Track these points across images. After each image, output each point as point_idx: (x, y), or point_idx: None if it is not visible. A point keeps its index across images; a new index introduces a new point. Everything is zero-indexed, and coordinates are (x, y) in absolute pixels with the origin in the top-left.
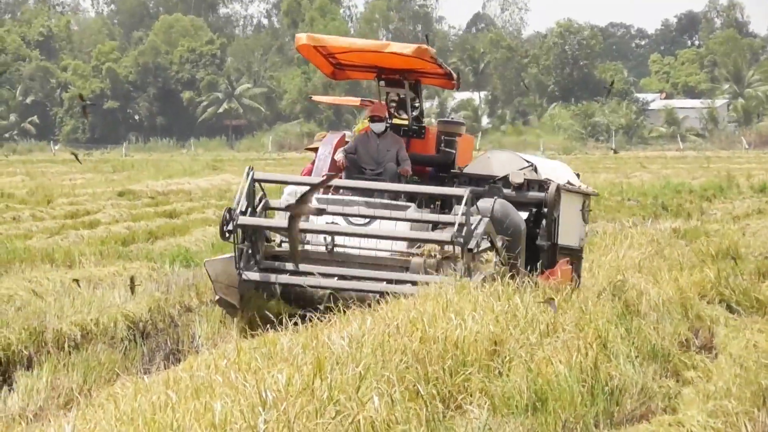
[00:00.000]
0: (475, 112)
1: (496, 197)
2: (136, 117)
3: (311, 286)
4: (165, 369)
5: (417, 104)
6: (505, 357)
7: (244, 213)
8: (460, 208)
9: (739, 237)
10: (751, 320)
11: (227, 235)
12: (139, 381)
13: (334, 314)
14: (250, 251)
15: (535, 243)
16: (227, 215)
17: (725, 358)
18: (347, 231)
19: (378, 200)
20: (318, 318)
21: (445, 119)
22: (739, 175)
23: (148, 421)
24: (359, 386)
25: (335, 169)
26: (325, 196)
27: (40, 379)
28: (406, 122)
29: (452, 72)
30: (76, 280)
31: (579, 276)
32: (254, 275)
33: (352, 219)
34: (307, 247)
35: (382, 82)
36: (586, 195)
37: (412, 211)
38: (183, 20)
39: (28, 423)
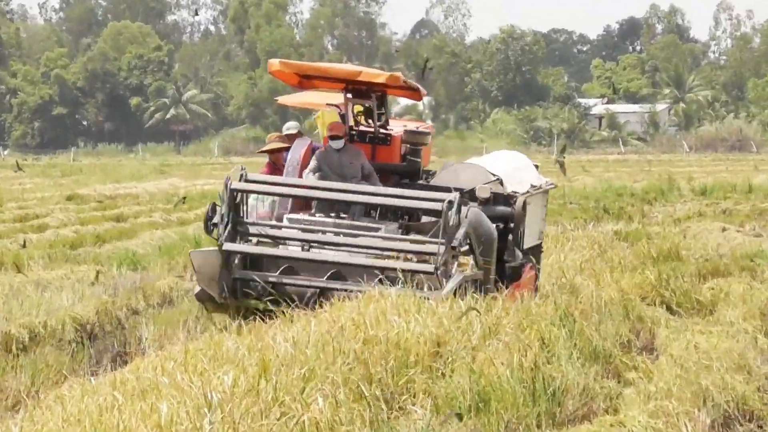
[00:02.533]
0: (419, 117)
1: (469, 205)
2: (85, 123)
3: (300, 285)
4: (112, 371)
5: (383, 113)
6: (448, 358)
7: (226, 226)
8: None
9: (680, 239)
10: (691, 321)
11: (211, 229)
12: (86, 383)
13: (277, 316)
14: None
15: (502, 258)
16: (211, 210)
17: (666, 359)
18: (330, 240)
19: (348, 222)
20: (261, 319)
21: (411, 129)
22: (680, 179)
23: (95, 422)
24: (304, 387)
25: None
26: (297, 216)
27: None
28: (371, 130)
29: (419, 88)
30: None
31: (538, 269)
32: (243, 273)
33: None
34: (282, 248)
35: (349, 94)
36: (546, 192)
37: (385, 232)
38: (131, 27)
39: None
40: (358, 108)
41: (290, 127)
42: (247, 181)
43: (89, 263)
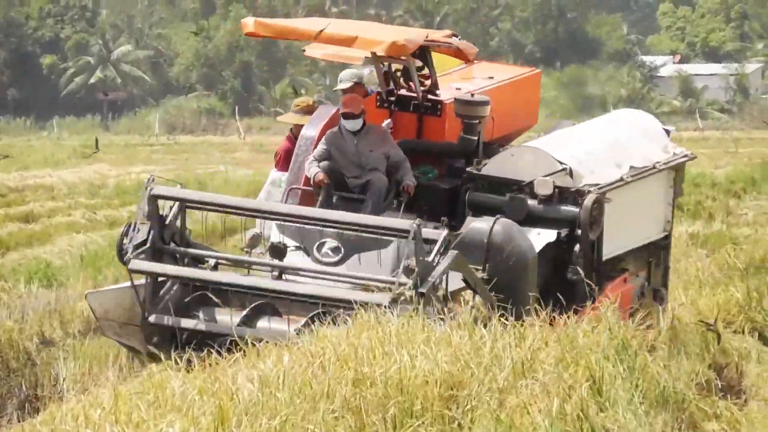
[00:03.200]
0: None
1: (498, 217)
2: None
3: (205, 331)
4: (19, 421)
5: (427, 73)
6: (467, 404)
7: (143, 244)
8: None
9: None
10: None
11: (125, 254)
12: None
13: (240, 349)
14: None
15: (566, 273)
16: (126, 232)
17: (758, 405)
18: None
19: (353, 232)
20: (218, 353)
21: (463, 97)
22: None
23: None
24: None
25: (308, 182)
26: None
27: None
28: (415, 95)
29: (459, 48)
30: None
31: (666, 281)
32: (163, 317)
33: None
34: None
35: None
36: (672, 169)
37: (392, 249)
38: None
39: None
40: (397, 66)
41: (344, 78)
42: (156, 197)
43: None
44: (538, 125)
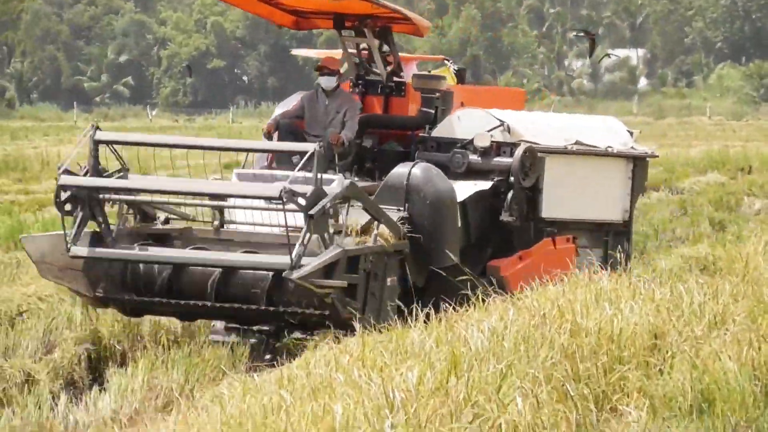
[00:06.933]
0: (631, 73)
1: (417, 161)
2: (245, 78)
3: (141, 261)
4: (277, 366)
5: (389, 54)
6: (667, 352)
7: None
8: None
9: None
10: None
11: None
12: (248, 380)
13: (472, 304)
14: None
15: (499, 219)
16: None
17: None
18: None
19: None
20: (453, 308)
21: (421, 73)
22: None
23: (259, 425)
24: (500, 385)
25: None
26: (246, 171)
27: (135, 377)
28: (380, 78)
29: (403, 12)
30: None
31: (628, 254)
32: (82, 249)
33: None
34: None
35: (344, 31)
36: (633, 159)
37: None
38: None
39: (122, 427)
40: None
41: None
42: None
43: None
44: None
